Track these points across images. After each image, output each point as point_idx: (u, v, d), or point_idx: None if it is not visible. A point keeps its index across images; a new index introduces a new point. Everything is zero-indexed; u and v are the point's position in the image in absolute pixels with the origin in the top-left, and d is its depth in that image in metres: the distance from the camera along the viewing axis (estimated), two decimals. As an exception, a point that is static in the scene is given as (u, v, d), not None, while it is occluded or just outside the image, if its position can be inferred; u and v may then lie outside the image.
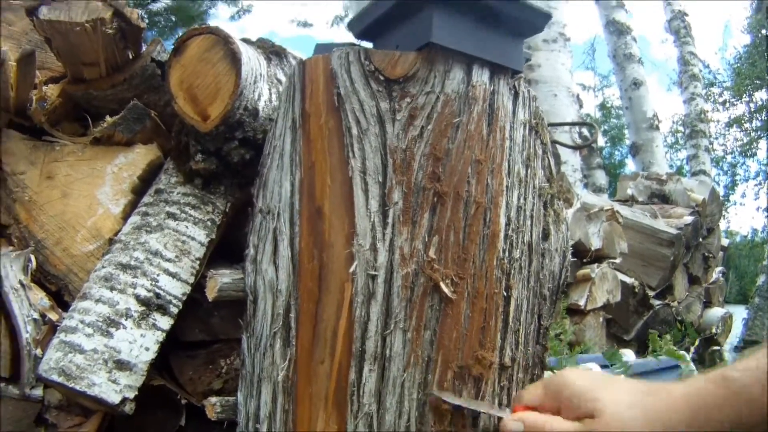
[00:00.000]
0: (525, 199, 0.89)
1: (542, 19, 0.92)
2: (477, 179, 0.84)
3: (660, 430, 0.68)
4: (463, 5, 0.85)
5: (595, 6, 7.19)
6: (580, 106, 4.34)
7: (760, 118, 13.58)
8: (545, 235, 0.92)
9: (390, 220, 0.81)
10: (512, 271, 0.86)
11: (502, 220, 0.86)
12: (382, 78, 0.83)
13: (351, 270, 0.81)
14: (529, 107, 0.93)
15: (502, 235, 0.85)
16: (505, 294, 0.86)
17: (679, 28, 8.12)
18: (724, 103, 14.06)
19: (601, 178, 6.12)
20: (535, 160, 0.92)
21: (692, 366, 1.68)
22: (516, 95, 0.90)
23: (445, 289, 0.81)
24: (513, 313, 0.86)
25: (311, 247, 0.84)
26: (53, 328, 1.02)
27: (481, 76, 0.87)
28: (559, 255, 0.95)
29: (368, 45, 0.97)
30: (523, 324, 0.88)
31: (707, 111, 8.41)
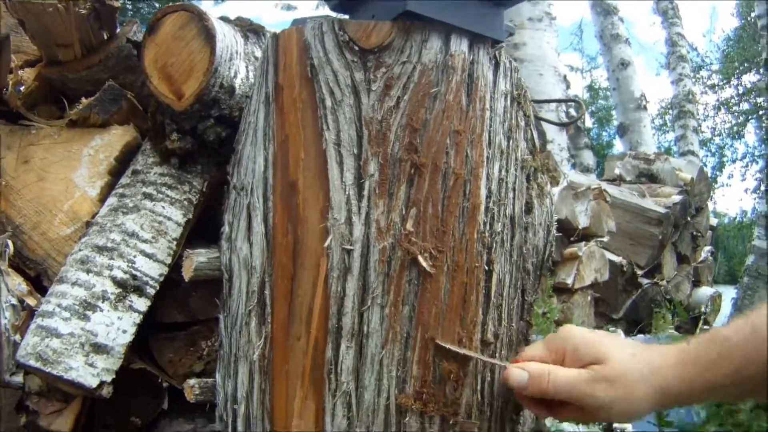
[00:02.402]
0: (507, 171, 0.87)
1: (522, -14, 0.89)
2: (456, 150, 0.82)
3: (657, 382, 0.71)
4: (440, -28, 0.83)
5: None
6: (567, 87, 4.29)
7: (748, 101, 13.54)
8: (528, 209, 0.90)
9: (366, 193, 0.79)
10: (494, 245, 0.84)
11: (483, 193, 0.83)
12: (356, 48, 0.81)
13: (326, 245, 0.79)
14: (511, 78, 0.90)
15: (482, 207, 0.83)
16: (486, 268, 0.83)
17: (666, 8, 8.05)
18: (712, 86, 14.02)
19: (588, 158, 6.09)
20: (518, 132, 0.90)
21: None
22: (497, 65, 0.88)
23: (424, 263, 0.79)
24: (495, 288, 0.84)
25: (285, 222, 0.81)
26: (32, 314, 1.00)
27: (459, 46, 0.84)
28: (543, 229, 0.92)
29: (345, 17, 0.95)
30: (505, 299, 0.86)
31: (695, 92, 8.38)
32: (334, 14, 0.97)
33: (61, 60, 1.12)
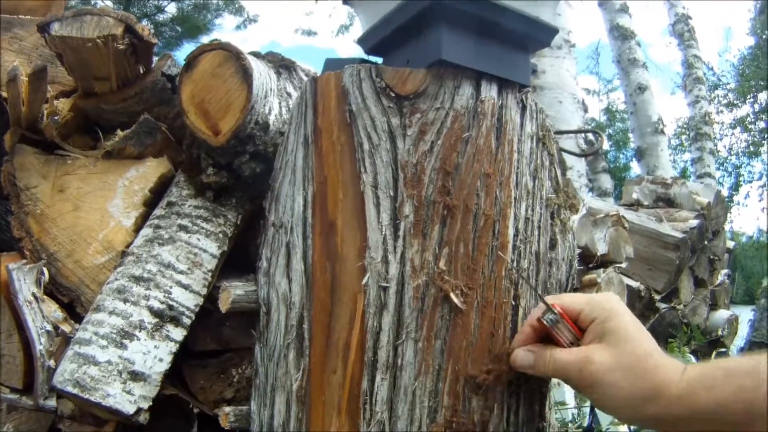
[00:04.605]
0: (533, 210, 0.91)
1: (549, 33, 0.94)
2: (486, 192, 0.86)
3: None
4: (471, 22, 0.87)
5: (599, 10, 7.22)
6: (585, 111, 4.37)
7: (764, 119, 13.63)
8: (552, 245, 0.94)
9: (401, 233, 0.83)
10: (520, 281, 0.88)
11: (511, 232, 0.88)
12: (392, 94, 0.85)
13: (363, 282, 0.83)
14: (536, 119, 0.95)
15: (510, 246, 0.87)
16: (513, 303, 0.88)
17: (683, 31, 8.14)
18: (728, 105, 14.09)
19: (606, 182, 6.16)
20: (542, 171, 0.94)
21: None
22: (524, 108, 0.93)
23: (455, 300, 0.83)
24: (521, 322, 0.88)
25: (324, 260, 0.85)
26: (66, 340, 1.04)
27: (489, 91, 0.89)
28: (566, 264, 0.97)
29: (378, 60, 0.99)
30: (531, 333, 0.90)
31: (711, 113, 8.43)
32: (365, 56, 1.02)
33: (97, 92, 1.16)
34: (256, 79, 0.99)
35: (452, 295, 0.83)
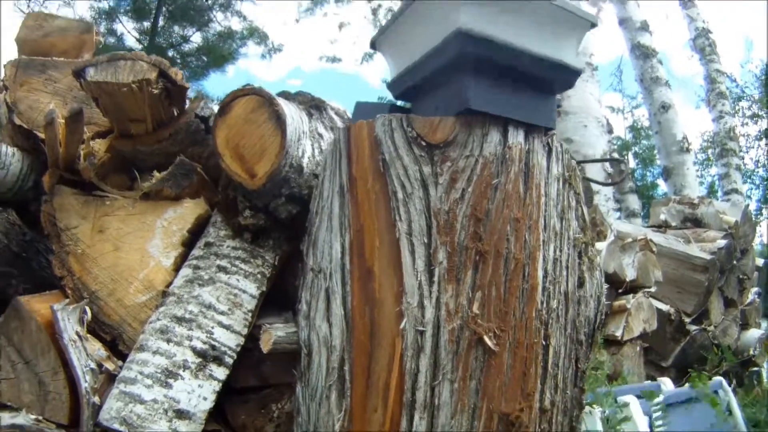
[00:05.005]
0: (561, 251, 0.94)
1: (573, 75, 0.97)
2: (515, 236, 0.89)
3: None
4: (497, 70, 0.90)
5: (619, 29, 7.19)
6: (610, 132, 4.38)
7: None
8: (580, 283, 0.97)
9: (436, 279, 0.87)
10: (550, 321, 0.92)
11: (540, 274, 0.91)
12: (423, 143, 0.89)
13: (401, 326, 0.86)
14: (562, 160, 0.98)
15: (540, 287, 0.91)
16: (543, 343, 0.91)
17: (704, 45, 8.06)
18: (752, 116, 13.88)
19: (634, 202, 6.15)
20: (569, 212, 0.97)
21: (731, 394, 1.70)
22: (549, 151, 0.96)
23: (489, 342, 0.86)
24: (551, 360, 0.92)
25: (363, 305, 0.89)
26: (110, 377, 1.08)
27: (516, 137, 0.92)
28: (594, 300, 1.00)
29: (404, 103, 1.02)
30: (561, 369, 0.93)
31: (736, 127, 8.31)
32: (388, 91, 1.05)
33: (132, 134, 1.20)
34: (290, 125, 1.03)
35: (486, 338, 0.86)
